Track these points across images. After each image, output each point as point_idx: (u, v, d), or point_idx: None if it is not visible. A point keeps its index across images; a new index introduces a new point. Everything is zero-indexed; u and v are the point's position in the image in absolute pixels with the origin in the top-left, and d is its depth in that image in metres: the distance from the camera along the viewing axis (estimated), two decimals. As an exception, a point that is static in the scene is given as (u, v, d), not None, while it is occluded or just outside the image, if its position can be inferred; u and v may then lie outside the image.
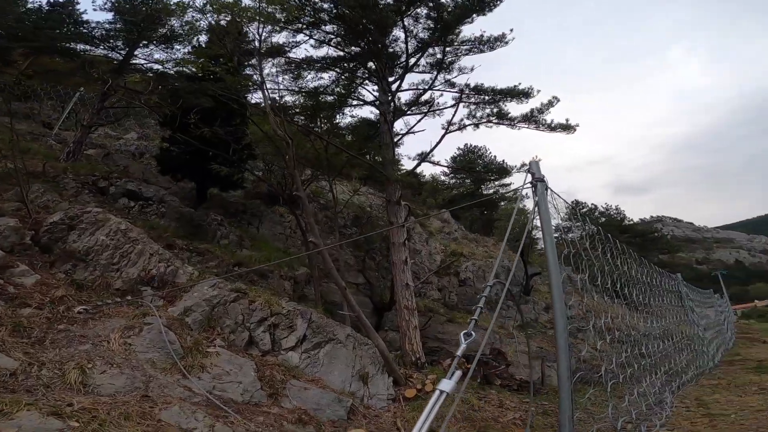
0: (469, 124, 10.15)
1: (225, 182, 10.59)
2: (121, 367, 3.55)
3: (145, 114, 16.63)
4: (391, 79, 10.56)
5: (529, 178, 3.84)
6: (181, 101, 8.92)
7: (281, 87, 10.14)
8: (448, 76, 10.79)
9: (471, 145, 30.36)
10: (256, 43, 7.71)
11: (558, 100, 9.35)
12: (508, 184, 25.63)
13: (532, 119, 9.54)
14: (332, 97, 10.44)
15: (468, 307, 11.76)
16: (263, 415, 3.84)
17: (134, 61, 11.58)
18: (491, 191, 29.31)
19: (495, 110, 10.23)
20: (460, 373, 1.77)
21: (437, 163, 10.74)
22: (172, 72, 11.01)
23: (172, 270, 6.22)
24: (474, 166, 23.38)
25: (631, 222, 39.45)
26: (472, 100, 10.76)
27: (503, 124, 9.84)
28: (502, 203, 27.00)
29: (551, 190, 4.16)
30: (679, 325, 10.03)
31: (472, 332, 1.90)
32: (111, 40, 10.98)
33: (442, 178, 30.06)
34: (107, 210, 7.23)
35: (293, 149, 7.19)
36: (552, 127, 9.46)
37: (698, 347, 10.49)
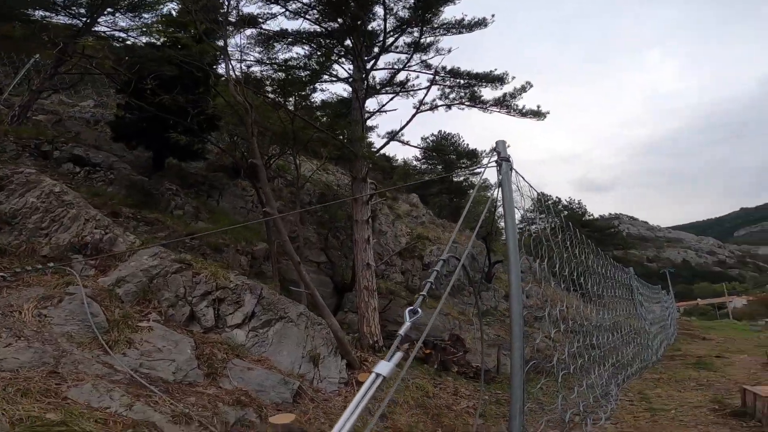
0: (442, 105, 9.91)
1: (184, 152, 10.13)
2: (30, 341, 3.13)
3: (105, 83, 15.77)
4: (366, 58, 10.18)
5: (495, 156, 3.67)
6: (138, 66, 8.42)
7: (252, 59, 9.61)
8: (424, 57, 10.50)
9: (444, 132, 30.28)
10: (226, 9, 7.24)
11: (531, 86, 9.22)
12: (479, 173, 25.74)
13: (504, 103, 9.40)
14: (305, 72, 9.95)
15: (431, 291, 11.73)
16: (196, 396, 3.52)
17: (97, 29, 10.86)
18: (461, 179, 29.51)
19: (468, 93, 10.04)
20: (401, 355, 1.50)
21: (407, 143, 10.44)
22: (136, 40, 10.37)
23: (110, 238, 5.69)
24: (444, 148, 23.34)
25: (591, 217, 40.92)
26: (447, 83, 10.52)
27: (475, 107, 9.65)
28: (471, 191, 27.22)
29: (516, 171, 3.98)
30: (627, 318, 10.34)
31: (419, 309, 1.64)
32: (74, 8, 10.16)
33: (414, 163, 29.98)
34: (47, 174, 6.58)
35: (252, 116, 6.76)
36: (523, 113, 9.35)
37: (644, 341, 10.89)
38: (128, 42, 10.74)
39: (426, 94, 10.04)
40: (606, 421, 5.02)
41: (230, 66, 7.43)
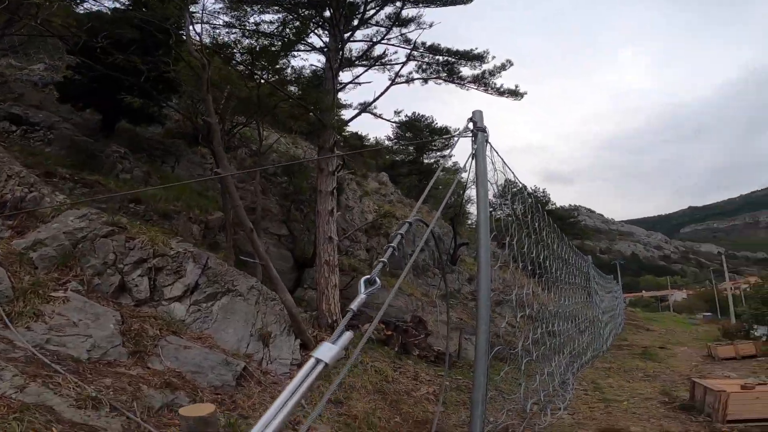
0: (418, 78, 9.44)
1: (138, 115, 9.57)
2: None
3: (59, 47, 14.61)
4: (343, 29, 9.52)
5: (470, 125, 3.33)
6: (94, 26, 7.75)
7: (221, 22, 8.74)
8: (405, 30, 9.93)
9: (418, 114, 29.87)
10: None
11: (511, 64, 8.89)
12: (451, 145, 25.64)
13: (482, 81, 9.04)
14: (279, 40, 9.18)
15: (396, 270, 11.46)
16: (113, 377, 3.04)
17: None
18: (431, 161, 29.36)
19: (447, 69, 9.60)
20: (350, 336, 1.10)
21: (379, 116, 9.92)
22: (102, 7, 9.35)
23: (34, 197, 4.98)
24: (417, 125, 23.03)
25: (554, 206, 42.10)
26: (426, 59, 10.03)
27: (452, 83, 9.25)
28: (441, 173, 27.11)
29: (491, 146, 3.66)
30: (583, 306, 10.53)
31: (377, 279, 1.26)
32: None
33: (387, 142, 29.57)
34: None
35: (209, 72, 6.14)
36: (501, 92, 9.04)
37: (596, 330, 11.18)
38: (93, 9, 9.68)
39: (402, 67, 9.54)
40: (564, 410, 4.94)
41: (189, 20, 6.74)
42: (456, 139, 3.60)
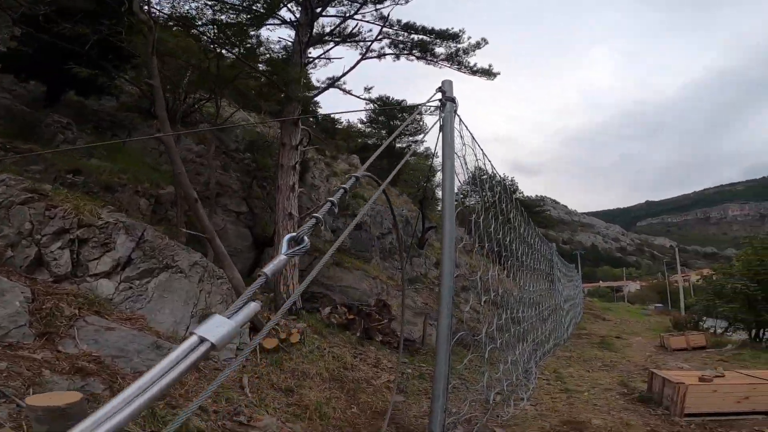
0: (390, 54, 9.00)
1: (87, 87, 8.88)
2: None
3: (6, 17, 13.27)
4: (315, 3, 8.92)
5: (439, 95, 3.04)
6: None
7: None
8: (379, 6, 9.41)
9: (390, 97, 29.43)
10: None
11: (486, 42, 8.60)
12: (423, 141, 25.30)
13: (455, 59, 8.71)
14: (247, 13, 8.47)
15: (362, 253, 11.14)
16: (10, 361, 2.56)
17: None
18: (403, 145, 29.06)
19: (420, 47, 9.20)
20: (255, 309, 0.73)
21: (348, 92, 9.44)
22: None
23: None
24: (388, 103, 22.67)
25: (522, 195, 43.00)
26: (401, 38, 9.58)
27: (425, 59, 8.87)
28: (412, 158, 26.90)
29: (460, 119, 3.34)
30: (547, 293, 10.57)
31: (305, 238, 0.91)
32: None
33: (359, 126, 29.14)
34: None
35: (155, 35, 5.59)
36: (474, 71, 8.75)
37: (558, 318, 11.29)
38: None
39: (374, 42, 9.06)
40: (527, 402, 4.79)
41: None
42: (425, 111, 3.24)
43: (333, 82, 9.24)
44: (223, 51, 8.13)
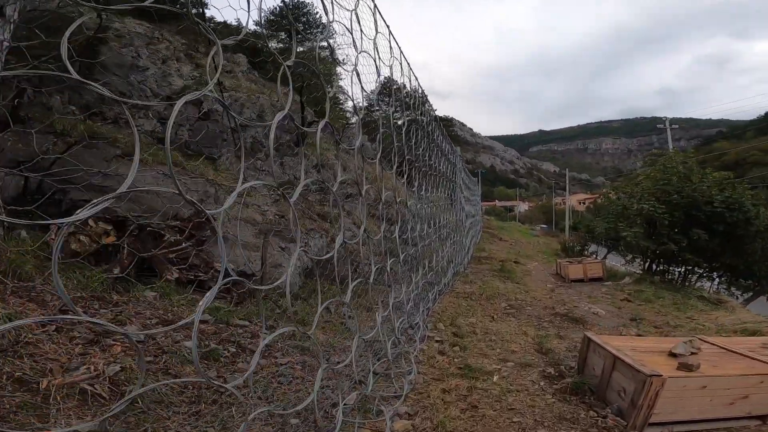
0: None
1: None
2: None
3: None
4: None
5: None
6: None
7: None
8: None
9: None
10: None
11: None
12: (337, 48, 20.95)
13: None
14: None
15: (208, 148, 7.94)
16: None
17: None
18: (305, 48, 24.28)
19: None
20: None
21: None
22: None
23: None
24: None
25: (436, 111, 41.37)
26: None
27: None
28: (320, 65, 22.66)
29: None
30: (447, 206, 8.78)
31: None
32: None
33: (254, 27, 23.14)
34: None
35: None
36: None
37: (459, 237, 9.71)
38: None
39: None
40: (402, 401, 2.72)
41: None
42: None
43: None
44: None
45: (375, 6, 3.21)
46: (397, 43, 3.84)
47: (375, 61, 3.26)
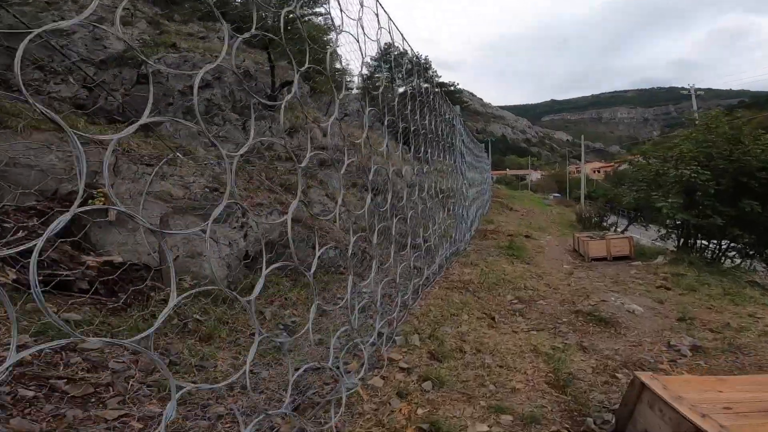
0: None
1: None
2: None
3: None
4: None
5: None
6: None
7: None
8: None
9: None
10: None
11: None
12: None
13: None
14: None
15: (141, 107, 6.49)
16: None
17: None
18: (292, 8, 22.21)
19: None
20: None
21: None
22: None
23: None
24: None
25: (439, 77, 39.14)
26: None
27: None
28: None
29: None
30: (447, 174, 7.30)
31: None
32: None
33: None
34: None
35: None
36: None
37: (458, 210, 8.21)
38: None
39: None
40: None
41: None
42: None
43: None
44: None
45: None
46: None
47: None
